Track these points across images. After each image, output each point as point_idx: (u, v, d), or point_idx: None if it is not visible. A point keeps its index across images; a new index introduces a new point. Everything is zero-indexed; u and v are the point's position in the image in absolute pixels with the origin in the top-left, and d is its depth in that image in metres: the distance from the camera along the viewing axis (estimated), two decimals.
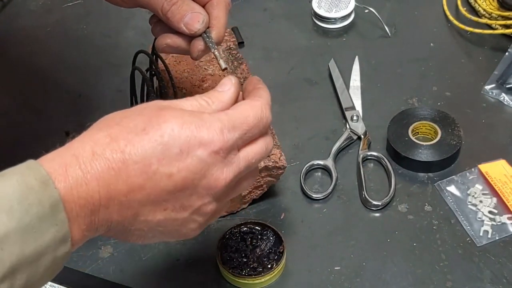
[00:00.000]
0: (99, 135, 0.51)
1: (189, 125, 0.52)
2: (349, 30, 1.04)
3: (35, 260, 0.47)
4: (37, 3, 1.12)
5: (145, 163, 0.50)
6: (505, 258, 0.75)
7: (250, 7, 1.09)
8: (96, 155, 0.50)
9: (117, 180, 0.50)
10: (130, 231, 0.54)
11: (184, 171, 0.52)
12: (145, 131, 0.51)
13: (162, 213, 0.53)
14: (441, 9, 1.05)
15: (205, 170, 0.53)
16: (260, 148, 0.58)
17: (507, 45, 0.95)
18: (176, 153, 0.51)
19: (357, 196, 0.82)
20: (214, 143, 0.52)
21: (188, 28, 0.65)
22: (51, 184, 0.47)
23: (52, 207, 0.47)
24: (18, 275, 0.46)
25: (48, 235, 0.47)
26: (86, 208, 0.49)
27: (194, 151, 0.52)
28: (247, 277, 0.74)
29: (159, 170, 0.51)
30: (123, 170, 0.50)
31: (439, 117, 0.87)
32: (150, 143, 0.51)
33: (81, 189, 0.49)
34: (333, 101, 0.93)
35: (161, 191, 0.52)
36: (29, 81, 1.01)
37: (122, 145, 0.50)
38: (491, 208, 0.79)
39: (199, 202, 0.54)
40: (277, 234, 0.76)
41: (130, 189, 0.51)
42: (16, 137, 0.93)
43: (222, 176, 0.54)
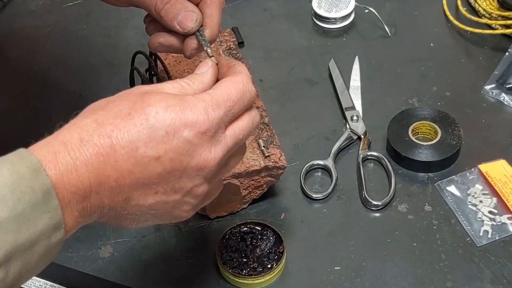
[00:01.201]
0: (85, 121, 0.52)
1: (173, 107, 0.52)
2: (349, 30, 1.04)
3: (29, 248, 0.47)
4: (37, 3, 1.12)
5: (132, 147, 0.51)
6: (505, 258, 0.75)
7: (250, 7, 1.09)
8: (84, 141, 0.50)
9: (105, 165, 0.50)
10: (122, 216, 0.54)
11: (171, 153, 0.52)
12: (130, 115, 0.52)
13: (154, 197, 0.54)
14: (441, 9, 1.05)
15: (193, 150, 0.53)
16: (246, 123, 0.58)
17: (507, 45, 0.95)
18: (162, 135, 0.52)
19: (357, 196, 0.82)
20: (200, 124, 0.53)
21: (181, 27, 0.65)
22: (42, 172, 0.48)
23: (44, 194, 0.47)
24: (12, 263, 0.46)
25: (41, 222, 0.47)
26: (77, 195, 0.50)
27: (180, 132, 0.52)
28: (247, 277, 0.74)
29: (146, 154, 0.51)
30: (111, 155, 0.50)
31: (439, 117, 0.86)
32: (136, 127, 0.51)
33: (71, 176, 0.49)
34: (333, 101, 0.93)
35: (150, 175, 0.52)
36: (29, 81, 1.01)
37: (108, 130, 0.51)
38: (491, 208, 0.79)
39: (190, 183, 0.54)
40: (277, 234, 0.76)
41: (119, 174, 0.51)
42: (16, 137, 0.92)
43: (210, 155, 0.54)
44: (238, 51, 0.89)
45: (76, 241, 0.79)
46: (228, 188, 0.76)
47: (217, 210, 0.80)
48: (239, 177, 0.76)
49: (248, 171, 0.76)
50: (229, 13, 1.08)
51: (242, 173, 0.76)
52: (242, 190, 0.78)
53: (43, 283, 0.76)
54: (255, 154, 0.77)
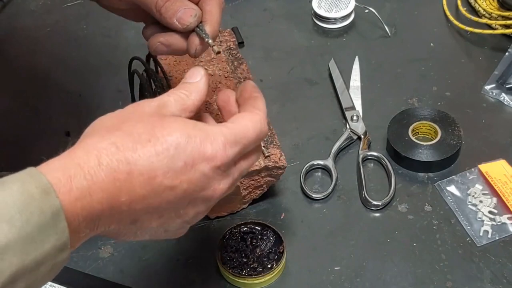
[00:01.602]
0: (104, 144, 0.51)
1: (193, 139, 0.53)
2: (349, 30, 1.04)
3: (34, 269, 0.47)
4: (37, 3, 1.12)
5: (150, 175, 0.51)
6: (505, 258, 0.75)
7: (250, 7, 1.09)
8: (102, 165, 0.50)
9: (121, 191, 0.50)
10: (123, 234, 0.55)
11: (186, 184, 0.53)
12: (150, 142, 0.51)
13: (157, 220, 0.55)
14: (441, 9, 1.05)
15: (206, 183, 0.54)
16: (252, 161, 0.60)
17: (507, 45, 0.95)
18: (180, 166, 0.52)
19: (357, 196, 0.82)
20: (217, 159, 0.54)
21: (180, 23, 0.65)
22: (52, 193, 0.47)
23: (53, 216, 0.47)
24: (18, 284, 0.46)
25: (48, 244, 0.47)
26: (88, 218, 0.49)
27: (198, 165, 0.53)
28: (247, 277, 0.74)
29: (163, 183, 0.52)
30: (128, 181, 0.50)
31: (439, 117, 0.87)
32: (156, 156, 0.51)
33: (85, 201, 0.49)
34: (333, 101, 0.93)
35: (161, 201, 0.53)
36: (29, 81, 1.01)
37: (128, 155, 0.51)
38: (491, 208, 0.79)
39: (194, 211, 0.56)
40: (277, 234, 0.76)
41: (133, 199, 0.51)
42: (16, 137, 0.93)
43: (219, 187, 0.56)
44: (238, 51, 0.89)
45: None
46: None
47: (217, 210, 0.80)
48: None
49: (248, 171, 0.76)
50: (229, 13, 1.08)
51: None
52: (242, 190, 0.78)
53: None
54: None
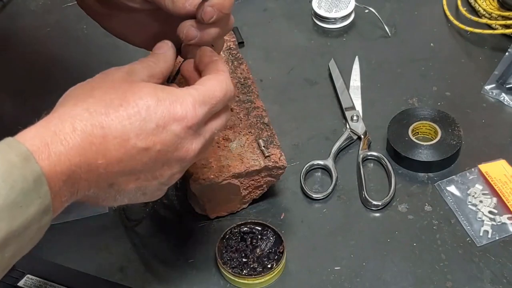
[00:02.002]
0: (77, 110, 0.53)
1: (163, 101, 0.55)
2: (349, 30, 1.04)
3: (22, 233, 0.49)
4: (37, 3, 1.12)
5: (124, 138, 0.54)
6: (505, 258, 0.75)
7: (250, 7, 1.09)
8: (77, 130, 0.52)
9: (97, 154, 0.53)
10: (102, 198, 0.57)
11: (159, 145, 0.55)
12: (122, 106, 0.54)
13: (135, 183, 0.57)
14: (441, 9, 1.05)
15: (178, 143, 0.56)
16: (222, 121, 0.61)
17: (507, 45, 0.95)
18: (152, 128, 0.55)
19: (357, 196, 0.82)
20: (188, 118, 0.56)
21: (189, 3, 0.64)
22: (32, 160, 0.49)
23: (35, 181, 0.49)
24: (7, 248, 0.48)
25: (32, 208, 0.49)
26: (68, 182, 0.51)
27: (169, 125, 0.55)
28: (247, 277, 0.74)
29: (136, 144, 0.54)
30: (103, 144, 0.53)
31: (439, 117, 0.87)
32: (128, 119, 0.54)
33: (64, 165, 0.51)
34: (333, 101, 0.93)
35: (136, 163, 0.55)
36: (29, 81, 1.01)
37: (101, 119, 0.53)
38: (491, 208, 0.79)
39: (169, 171, 0.58)
40: (277, 234, 0.76)
41: (109, 162, 0.53)
42: None
43: (191, 147, 0.58)
44: (238, 51, 0.89)
45: (76, 241, 0.79)
46: (228, 188, 0.76)
47: (217, 210, 0.80)
48: (239, 177, 0.76)
49: (248, 171, 0.76)
50: None
51: (242, 173, 0.76)
52: (242, 190, 0.78)
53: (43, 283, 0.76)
54: (255, 154, 0.77)
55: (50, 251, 0.75)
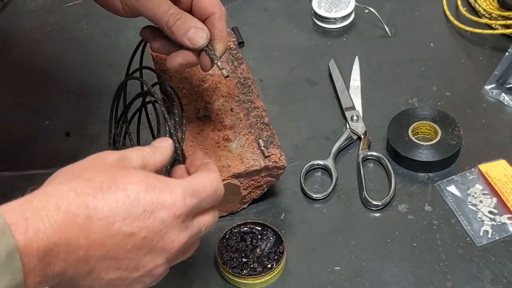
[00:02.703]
0: (63, 190, 0.52)
1: (153, 188, 0.54)
2: (349, 30, 1.04)
3: None
4: (37, 3, 1.12)
5: (109, 220, 0.52)
6: (505, 258, 0.75)
7: (250, 7, 1.09)
8: (60, 209, 0.50)
9: (79, 235, 0.51)
10: (79, 286, 0.54)
11: (145, 231, 0.53)
12: (111, 189, 0.53)
13: (115, 272, 0.54)
14: (441, 9, 1.05)
15: (164, 232, 0.54)
16: (210, 219, 0.60)
17: (507, 45, 0.95)
18: (139, 213, 0.53)
19: (357, 196, 0.82)
20: (176, 207, 0.55)
21: (191, 43, 0.68)
22: (8, 233, 0.47)
23: (8, 255, 0.47)
24: None
25: (2, 283, 0.47)
26: (43, 261, 0.49)
27: (157, 212, 0.54)
28: (247, 277, 0.74)
29: (121, 229, 0.52)
30: (86, 225, 0.51)
31: (439, 117, 0.87)
32: (116, 202, 0.52)
33: (41, 242, 0.49)
34: (333, 101, 0.93)
35: (120, 249, 0.53)
36: (29, 81, 1.01)
37: (87, 200, 0.51)
38: (491, 208, 0.79)
39: (152, 263, 0.56)
40: (277, 234, 0.76)
41: (90, 244, 0.51)
42: (16, 137, 0.93)
43: (178, 239, 0.56)
44: (238, 51, 0.89)
45: None
46: (228, 188, 0.76)
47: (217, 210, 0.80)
48: (239, 177, 0.76)
49: (248, 171, 0.76)
50: (229, 13, 1.07)
51: (242, 173, 0.76)
52: (242, 190, 0.78)
53: None
54: (255, 154, 0.77)
55: None
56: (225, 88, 0.83)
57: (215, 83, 0.83)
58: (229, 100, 0.82)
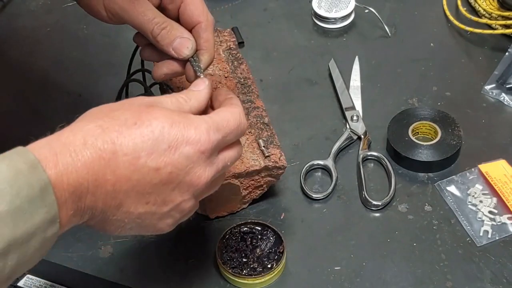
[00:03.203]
0: (90, 126, 0.53)
1: (178, 124, 0.55)
2: (349, 30, 1.04)
3: (25, 241, 0.48)
4: (37, 3, 1.12)
5: (134, 155, 0.53)
6: (505, 258, 0.75)
7: (250, 7, 1.09)
8: (87, 144, 0.52)
9: (106, 170, 0.52)
10: (110, 221, 0.55)
11: (170, 166, 0.55)
12: (136, 125, 0.54)
13: (144, 206, 0.56)
14: (441, 9, 1.05)
15: (190, 167, 0.56)
16: (234, 153, 0.61)
17: (507, 45, 0.95)
18: (164, 149, 0.54)
19: (357, 196, 0.82)
20: (201, 143, 0.56)
21: (177, 53, 0.68)
22: (39, 168, 0.49)
23: (41, 189, 0.49)
24: (9, 256, 0.48)
25: (38, 216, 0.49)
26: (74, 194, 0.51)
27: (182, 148, 0.55)
28: (247, 277, 0.74)
29: (147, 164, 0.54)
30: (112, 160, 0.52)
31: (439, 117, 0.87)
32: (141, 137, 0.53)
33: (71, 176, 0.50)
34: (333, 101, 0.93)
35: (146, 184, 0.54)
36: (29, 81, 1.01)
37: (113, 136, 0.53)
38: (491, 208, 0.79)
39: (180, 198, 0.57)
40: (277, 234, 0.76)
41: (117, 179, 0.53)
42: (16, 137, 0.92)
43: (204, 174, 0.57)
44: (238, 51, 0.89)
45: (76, 241, 0.79)
46: (228, 188, 0.76)
47: (217, 210, 0.80)
48: (239, 177, 0.76)
49: (248, 171, 0.76)
50: (229, 13, 1.08)
51: (242, 173, 0.76)
52: (242, 190, 0.78)
53: (43, 283, 0.76)
54: (255, 154, 0.77)
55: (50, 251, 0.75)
56: (225, 88, 0.83)
57: (215, 83, 0.83)
58: None
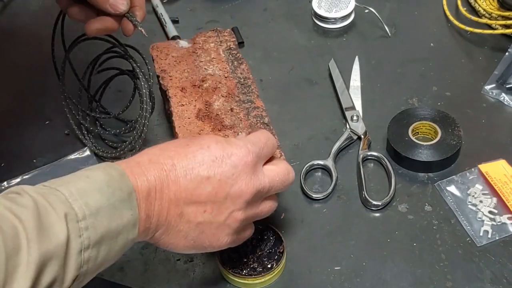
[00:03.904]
0: (152, 151, 0.65)
1: (221, 142, 0.66)
2: (349, 30, 1.04)
3: (114, 237, 0.57)
4: (38, 3, 1.12)
5: (189, 167, 0.63)
6: (505, 258, 0.75)
7: (250, 7, 1.09)
8: (152, 160, 0.63)
9: (167, 179, 0.62)
10: (174, 232, 0.64)
11: (219, 175, 0.64)
12: (188, 145, 0.65)
13: (202, 215, 0.64)
14: (441, 9, 1.05)
15: (236, 175, 0.64)
16: (281, 169, 0.69)
17: (507, 45, 0.95)
18: (212, 160, 0.64)
19: (357, 196, 0.82)
20: (242, 154, 0.65)
21: (113, 9, 0.75)
22: (126, 177, 0.60)
23: (128, 194, 0.59)
24: (102, 246, 0.56)
25: (125, 217, 0.58)
26: (147, 200, 0.61)
27: (227, 159, 0.64)
28: (247, 277, 0.74)
29: (199, 173, 0.63)
30: (172, 171, 0.63)
31: (439, 117, 0.87)
32: (193, 153, 0.64)
33: (143, 184, 0.61)
34: (333, 101, 0.93)
35: (201, 192, 0.63)
36: (29, 81, 1.01)
37: (171, 154, 0.64)
38: (491, 208, 0.79)
39: (232, 207, 0.65)
40: (277, 234, 0.76)
41: (177, 188, 0.62)
42: (16, 137, 0.93)
43: (250, 183, 0.65)
44: (238, 51, 0.89)
45: None
46: None
47: None
48: None
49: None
50: (229, 13, 1.08)
51: None
52: None
53: None
54: None
55: None
56: (225, 88, 0.83)
57: (215, 83, 0.83)
58: (229, 100, 0.82)
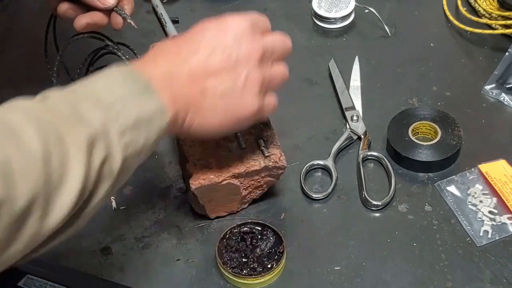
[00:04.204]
0: (151, 52, 0.67)
1: (215, 21, 0.67)
2: (349, 30, 1.04)
3: (148, 122, 0.59)
4: (38, 3, 1.12)
5: (193, 46, 0.65)
6: (505, 258, 0.75)
7: (250, 7, 1.08)
8: (157, 51, 0.66)
9: (178, 61, 0.64)
10: (204, 108, 0.65)
11: (223, 45, 0.65)
12: (187, 32, 0.67)
13: (222, 84, 0.65)
14: (441, 9, 1.05)
15: (239, 40, 0.66)
16: (277, 34, 0.70)
17: (507, 45, 0.95)
18: (213, 34, 0.66)
19: (357, 196, 0.82)
20: (240, 20, 0.67)
21: (102, 3, 0.76)
22: (137, 71, 0.62)
23: (144, 85, 0.61)
24: (140, 131, 0.58)
25: (151, 104, 0.60)
26: (164, 86, 0.62)
27: (227, 29, 0.66)
28: (247, 277, 0.74)
29: (202, 43, 0.65)
30: (180, 55, 0.65)
31: (439, 117, 0.87)
32: (191, 37, 0.66)
33: (154, 71, 0.63)
34: (333, 101, 0.93)
35: (212, 63, 0.65)
36: (29, 81, 1.00)
37: (177, 41, 0.66)
38: (491, 208, 0.79)
39: (246, 68, 0.66)
40: (277, 234, 0.76)
41: (189, 66, 0.64)
42: None
43: (254, 43, 0.67)
44: None
45: (76, 241, 0.79)
46: (228, 188, 0.76)
47: (217, 210, 0.80)
48: (239, 177, 0.76)
49: (248, 171, 0.76)
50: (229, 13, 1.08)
51: (242, 173, 0.76)
52: (242, 190, 0.78)
53: (43, 283, 0.76)
54: (255, 154, 0.77)
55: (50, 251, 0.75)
56: None
57: None
58: None
